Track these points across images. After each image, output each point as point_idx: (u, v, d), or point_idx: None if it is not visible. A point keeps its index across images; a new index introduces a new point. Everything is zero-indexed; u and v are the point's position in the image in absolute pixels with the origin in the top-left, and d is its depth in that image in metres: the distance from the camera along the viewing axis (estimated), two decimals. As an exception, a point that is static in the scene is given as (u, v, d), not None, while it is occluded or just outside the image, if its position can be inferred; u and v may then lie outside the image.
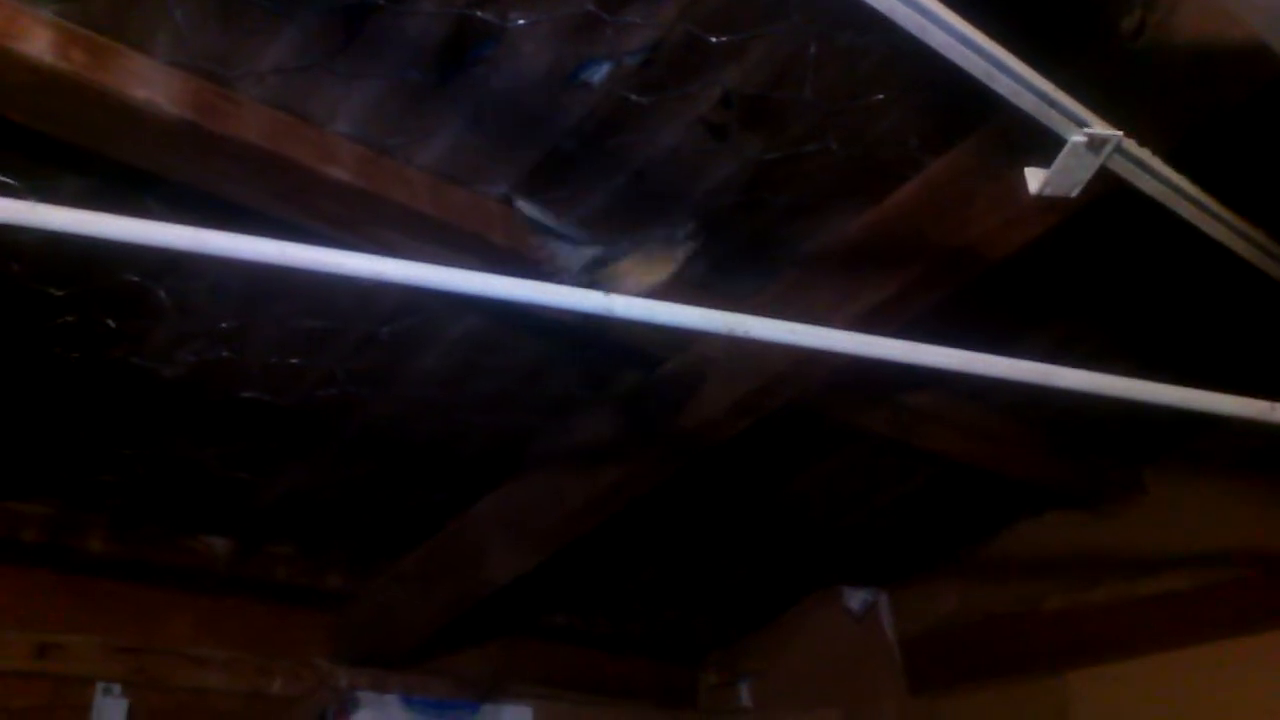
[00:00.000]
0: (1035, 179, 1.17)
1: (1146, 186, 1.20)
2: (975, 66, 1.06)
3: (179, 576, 2.42)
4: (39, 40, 1.27)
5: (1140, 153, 1.16)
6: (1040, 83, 1.07)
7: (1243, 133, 1.64)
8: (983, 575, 3.03)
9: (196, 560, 2.41)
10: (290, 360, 1.98)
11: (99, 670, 2.28)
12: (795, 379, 1.95)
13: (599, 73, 1.54)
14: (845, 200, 1.84)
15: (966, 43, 1.03)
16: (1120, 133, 1.10)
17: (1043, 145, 1.18)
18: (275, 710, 2.47)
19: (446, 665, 2.74)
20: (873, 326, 1.65)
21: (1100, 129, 1.10)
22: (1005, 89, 1.06)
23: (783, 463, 2.67)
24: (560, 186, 1.72)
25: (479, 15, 1.40)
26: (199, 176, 1.48)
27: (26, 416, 2.01)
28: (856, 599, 3.18)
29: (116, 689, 2.28)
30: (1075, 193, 1.17)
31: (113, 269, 1.70)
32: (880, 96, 1.65)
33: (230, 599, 2.51)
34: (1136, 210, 1.39)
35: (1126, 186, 1.19)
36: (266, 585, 2.50)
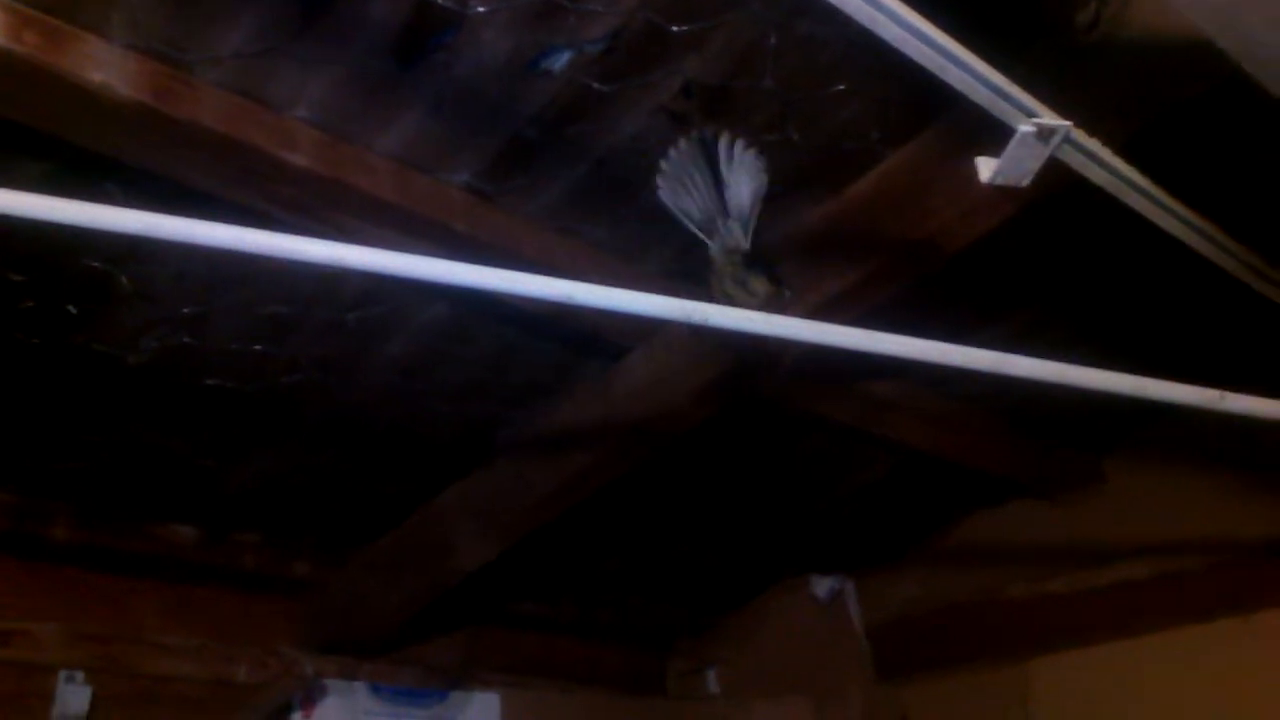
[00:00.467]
0: (986, 168, 1.18)
1: (1096, 177, 1.21)
2: (926, 58, 1.07)
3: (144, 564, 2.40)
4: (-8, 23, 1.26)
5: (1090, 143, 1.17)
6: (990, 74, 1.08)
7: (1197, 128, 1.66)
8: (946, 563, 3.06)
9: (162, 548, 2.40)
10: (254, 347, 1.98)
11: (62, 658, 2.26)
12: (757, 368, 1.97)
13: (560, 61, 1.54)
14: (807, 190, 1.86)
15: (917, 34, 1.04)
16: (1069, 123, 1.12)
17: (997, 137, 1.20)
18: (241, 698, 2.45)
19: (414, 654, 2.74)
20: (833, 315, 1.67)
21: (1049, 119, 1.11)
22: (956, 80, 1.07)
23: (749, 451, 2.68)
24: (522, 174, 1.72)
25: (439, 2, 1.40)
26: (157, 161, 1.48)
27: (-12, 403, 2.00)
28: (823, 587, 3.19)
29: (80, 676, 2.26)
30: (1026, 182, 1.18)
31: (73, 254, 1.69)
32: (841, 87, 1.66)
33: (196, 587, 2.49)
34: (1096, 202, 1.41)
35: (1076, 178, 1.20)
36: (233, 573, 2.49)
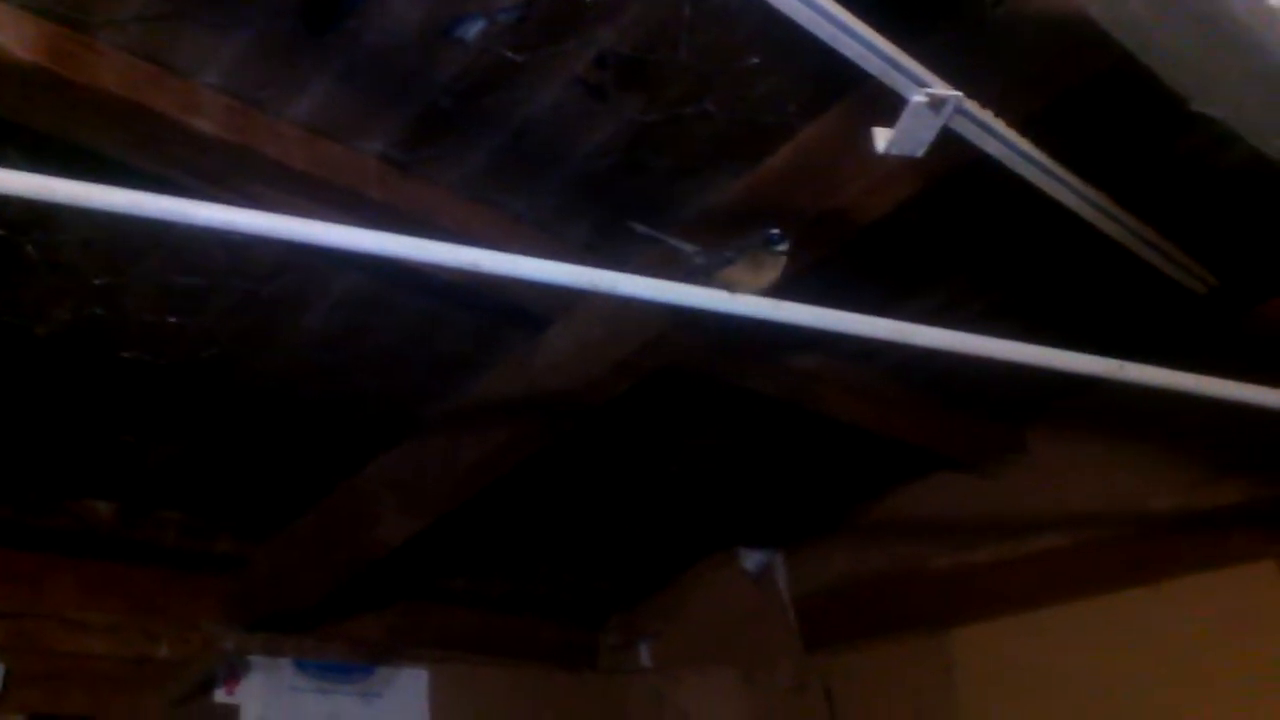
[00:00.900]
0: (883, 138, 1.20)
1: (990, 148, 1.24)
2: (819, 28, 1.08)
3: (62, 540, 2.37)
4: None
5: (983, 115, 1.20)
6: (882, 44, 1.10)
7: (1099, 108, 1.69)
8: (873, 536, 3.11)
9: (80, 524, 2.37)
10: (169, 319, 1.95)
11: (-24, 635, 2.24)
12: (675, 339, 1.98)
13: (473, 29, 1.53)
14: (728, 163, 1.87)
15: (809, 4, 1.06)
16: (959, 93, 1.14)
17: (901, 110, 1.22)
18: (162, 675, 2.44)
19: (341, 629, 2.74)
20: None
21: (940, 89, 1.13)
22: (849, 50, 1.09)
23: (678, 425, 2.70)
24: (438, 144, 1.71)
25: (348, -34, 1.39)
26: (58, 125, 1.45)
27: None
28: (753, 560, 3.24)
29: (-7, 654, 2.24)
30: (921, 152, 1.20)
31: (-25, 222, 1.66)
32: (756, 61, 1.67)
33: (116, 564, 2.46)
34: (1010, 178, 1.44)
35: (969, 148, 1.22)
36: (154, 550, 2.47)
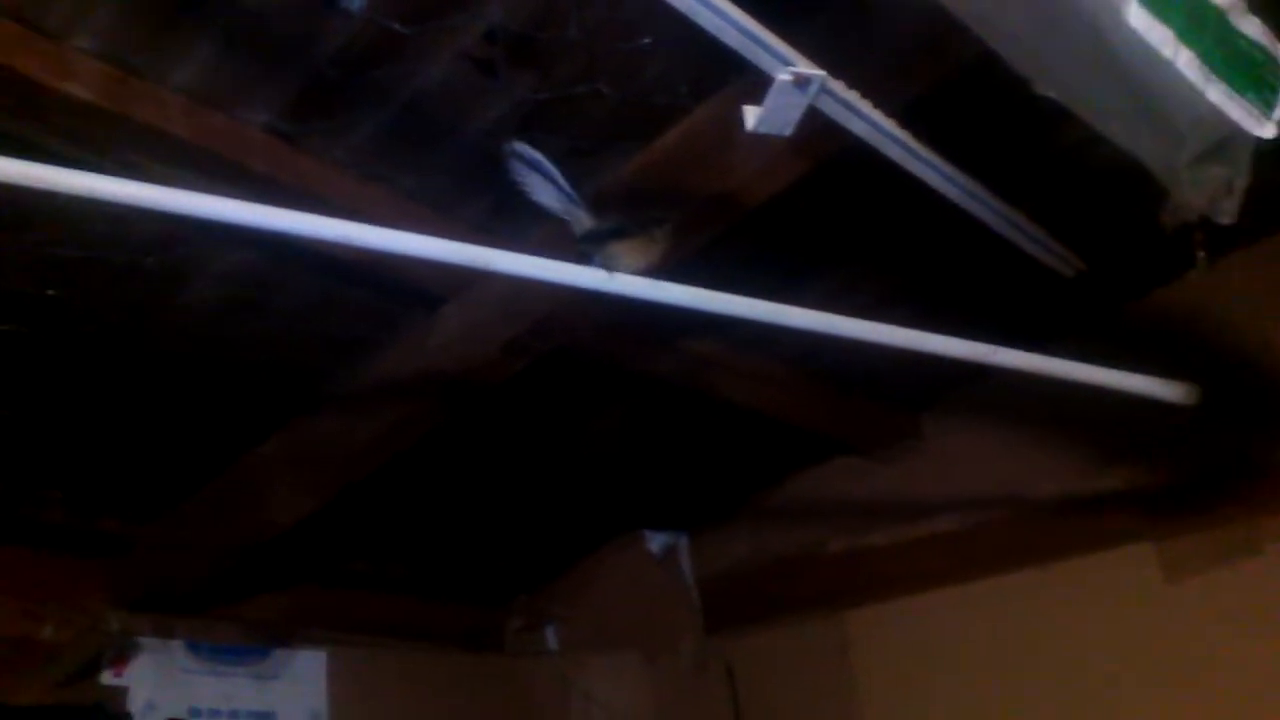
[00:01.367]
0: (751, 115, 1.22)
1: (856, 128, 1.26)
2: (683, 4, 1.10)
3: (-64, 520, 2.31)
4: None
5: (848, 95, 1.22)
6: (746, 21, 1.12)
7: (971, 97, 1.73)
8: (772, 519, 3.16)
9: (-44, 503, 2.31)
10: (47, 291, 1.90)
11: None
12: (564, 320, 1.99)
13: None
14: (622, 144, 1.87)
15: (676, -21, 1.07)
16: (823, 72, 1.16)
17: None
18: (47, 657, 2.38)
19: (236, 611, 2.70)
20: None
21: (805, 68, 1.15)
22: (711, 25, 1.11)
23: (582, 407, 2.71)
24: (326, 117, 1.70)
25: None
26: (-83, 87, 1.41)
27: None
28: (658, 542, 3.26)
29: None
30: (789, 131, 1.23)
31: None
32: (647, 41, 1.68)
33: (-4, 544, 2.40)
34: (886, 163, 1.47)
35: (836, 128, 1.25)
36: (36, 529, 2.40)
